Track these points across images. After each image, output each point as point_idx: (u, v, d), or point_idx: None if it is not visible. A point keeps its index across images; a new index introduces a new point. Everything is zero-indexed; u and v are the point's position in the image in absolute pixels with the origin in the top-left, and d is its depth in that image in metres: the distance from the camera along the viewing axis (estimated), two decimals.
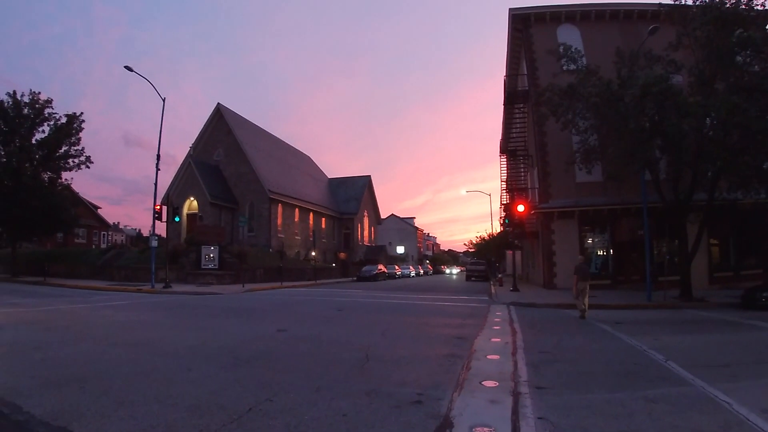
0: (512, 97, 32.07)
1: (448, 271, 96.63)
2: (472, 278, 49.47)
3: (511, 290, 25.41)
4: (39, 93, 39.80)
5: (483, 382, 6.28)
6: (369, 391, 5.80)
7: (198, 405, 5.31)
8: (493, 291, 26.45)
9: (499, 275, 39.35)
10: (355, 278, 48.07)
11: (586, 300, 15.17)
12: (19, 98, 39.02)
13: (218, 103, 52.80)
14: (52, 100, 40.10)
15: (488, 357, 8.08)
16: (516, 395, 5.70)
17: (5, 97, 38.76)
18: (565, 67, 22.64)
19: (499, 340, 9.96)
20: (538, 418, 4.89)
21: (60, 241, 56.81)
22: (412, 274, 66.28)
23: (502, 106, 34.60)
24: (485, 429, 4.56)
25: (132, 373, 6.94)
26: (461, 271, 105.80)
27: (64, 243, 57.09)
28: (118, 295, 23.60)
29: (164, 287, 26.71)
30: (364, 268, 49.52)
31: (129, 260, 38.89)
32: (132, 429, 4.56)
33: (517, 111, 32.87)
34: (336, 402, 5.40)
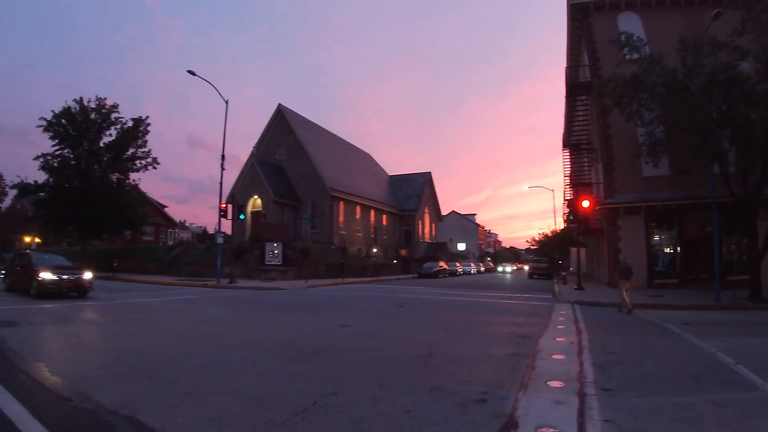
0: (574, 89, 31.16)
1: (500, 269, 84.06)
2: (535, 276, 48.50)
3: (575, 288, 24.96)
4: (105, 98, 41.35)
5: (548, 382, 6.17)
6: (433, 388, 5.77)
7: (263, 397, 5.39)
8: (556, 289, 25.97)
9: (563, 273, 38.60)
10: (416, 275, 47.96)
11: (625, 296, 15.40)
12: (86, 104, 40.66)
13: (279, 104, 53.60)
14: (117, 105, 41.62)
15: (553, 357, 7.95)
16: (582, 396, 5.60)
17: (72, 104, 40.42)
18: (627, 57, 21.93)
19: (563, 339, 9.82)
20: (605, 420, 4.78)
21: (128, 239, 58.80)
22: (473, 271, 65.61)
23: (564, 99, 33.79)
24: (550, 430, 4.50)
25: (199, 365, 7.14)
26: (516, 268, 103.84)
27: (132, 240, 59.10)
28: (185, 290, 24.30)
29: (230, 282, 27.34)
30: (425, 265, 49.32)
31: (195, 257, 39.90)
32: (199, 419, 4.65)
33: (579, 103, 31.93)
34: (400, 398, 5.39)
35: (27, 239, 72.31)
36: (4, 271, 20.49)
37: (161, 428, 4.38)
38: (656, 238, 26.84)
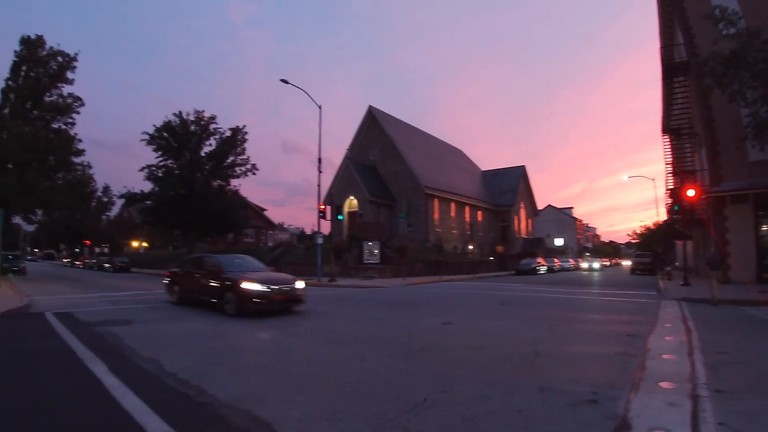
0: (670, 71, 29.26)
1: (585, 264, 67.60)
2: (637, 271, 46.53)
3: (681, 284, 23.57)
4: (203, 111, 44.06)
5: (659, 383, 5.88)
6: (542, 388, 5.64)
7: (374, 393, 5.42)
8: (661, 285, 24.66)
9: (667, 268, 36.76)
10: (513, 272, 47.19)
11: (715, 287, 14.96)
12: (185, 117, 42.93)
13: (370, 106, 54.11)
14: (215, 116, 44.11)
15: (663, 356, 7.53)
16: (695, 398, 5.29)
17: (173, 118, 42.84)
18: (723, 32, 20.44)
19: (672, 338, 9.28)
20: (719, 423, 4.49)
21: (230, 241, 61.15)
22: (572, 267, 63.96)
23: (661, 81, 31.98)
24: None
25: (309, 360, 7.25)
26: (612, 264, 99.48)
27: (234, 243, 61.41)
28: None
29: (330, 281, 27.80)
30: (523, 262, 48.45)
31: (295, 256, 40.97)
32: (312, 413, 4.71)
33: (677, 85, 29.95)
34: (510, 397, 5.29)
35: (135, 244, 76.42)
36: (168, 279, 16.89)
37: (276, 422, 4.44)
38: (764, 228, 24.87)
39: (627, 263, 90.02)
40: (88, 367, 6.68)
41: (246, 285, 12.64)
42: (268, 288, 12.73)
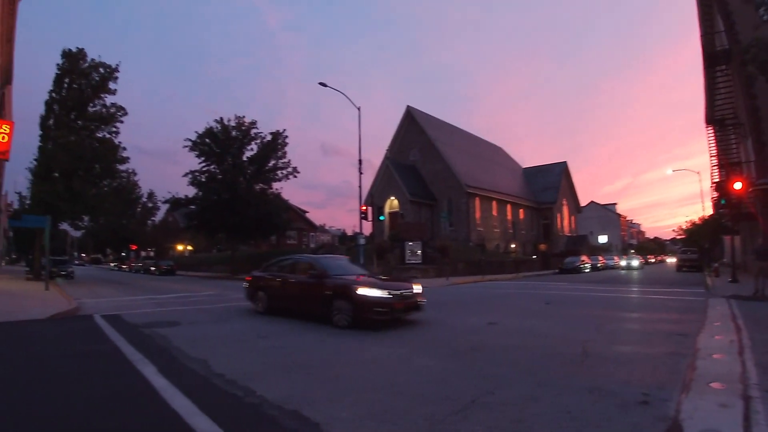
0: (712, 59, 28.23)
1: (624, 263, 61.48)
2: (684, 269, 45.45)
3: (729, 281, 22.86)
4: (243, 117, 44.99)
5: (710, 384, 5.71)
6: (592, 389, 5.53)
7: (422, 394, 5.38)
8: (709, 282, 23.99)
9: (715, 264, 35.73)
10: (557, 270, 46.58)
11: (759, 279, 14.83)
12: (227, 123, 43.88)
13: (408, 106, 54.22)
14: (256, 121, 44.94)
15: (713, 356, 7.30)
16: (746, 399, 5.11)
17: (214, 124, 43.87)
18: (765, 17, 19.80)
19: (722, 337, 8.96)
20: None
21: (273, 243, 61.90)
22: (624, 264, 62.62)
23: (702, 71, 31.01)
24: None
25: (355, 361, 7.23)
26: (654, 261, 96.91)
27: (277, 245, 62.14)
28: None
29: None
30: (567, 260, 47.76)
31: None
32: (360, 414, 4.70)
33: (719, 74, 28.86)
34: (559, 398, 5.21)
35: (180, 247, 77.90)
36: (250, 284, 14.63)
37: (324, 423, 4.44)
38: None
39: (672, 260, 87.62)
40: (137, 369, 6.74)
41: (364, 291, 10.53)
42: (390, 294, 10.70)
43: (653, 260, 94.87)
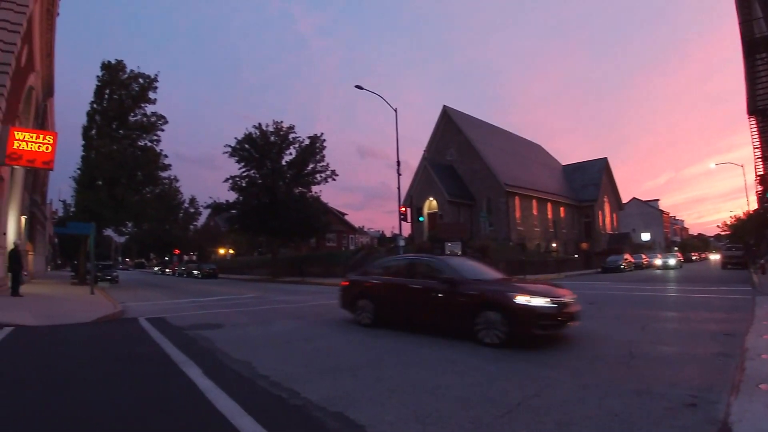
0: (751, 47, 27.15)
1: (659, 261, 52.80)
2: (729, 266, 44.06)
3: None
4: (281, 122, 45.55)
5: (760, 385, 5.52)
6: (639, 391, 5.42)
7: (466, 396, 5.33)
8: (755, 280, 23.23)
9: (761, 261, 34.55)
10: (599, 269, 45.74)
11: None
12: (265, 129, 44.52)
13: (444, 106, 54.14)
14: (293, 126, 45.57)
15: (762, 356, 7.05)
16: None
17: (253, 130, 44.59)
18: None
19: None
20: None
21: (313, 246, 62.51)
22: (660, 263, 61.19)
23: (742, 59, 29.94)
24: None
25: (400, 363, 7.18)
26: (698, 258, 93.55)
27: (316, 247, 62.73)
28: None
29: None
30: (609, 259, 46.85)
31: (377, 259, 40.96)
32: (405, 417, 4.66)
33: (759, 62, 27.84)
34: (606, 401, 5.11)
35: (221, 251, 79.08)
36: (349, 289, 12.56)
37: (370, 425, 4.43)
38: None
39: (715, 257, 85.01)
40: (182, 370, 6.81)
41: (524, 300, 8.46)
42: (553, 303, 8.65)
43: (695, 258, 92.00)
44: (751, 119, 33.58)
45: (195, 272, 54.08)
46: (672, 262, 51.49)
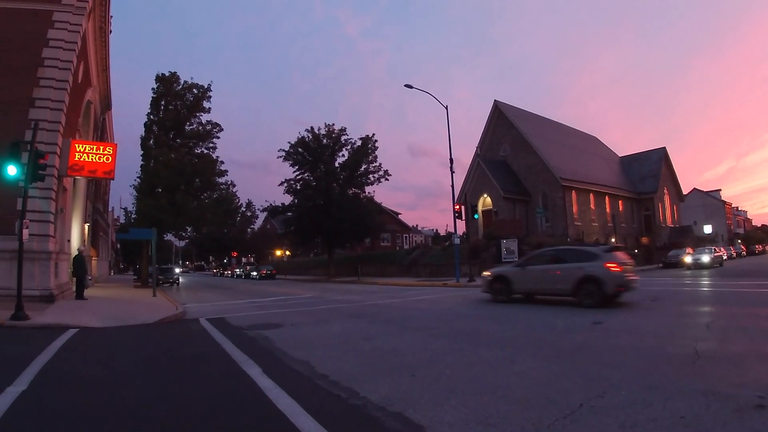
0: None
1: (689, 258, 40.24)
2: None
3: None
4: (333, 125, 46.50)
5: None
6: (705, 392, 5.18)
7: (527, 397, 5.22)
8: None
9: None
10: (660, 264, 44.47)
11: None
12: (317, 132, 45.18)
13: (495, 101, 53.46)
14: (345, 128, 46.59)
15: None
16: None
17: (305, 134, 45.72)
18: None
19: None
20: None
21: (368, 246, 62.86)
22: (724, 256, 58.82)
23: None
24: None
25: (457, 363, 7.10)
26: (745, 252, 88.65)
27: (371, 247, 63.03)
28: (426, 290, 25.03)
29: (468, 281, 27.52)
30: (671, 253, 45.30)
31: (432, 258, 41.22)
32: (465, 417, 4.60)
33: None
34: (671, 402, 4.90)
35: (278, 252, 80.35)
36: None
37: (429, 425, 4.39)
38: None
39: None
40: (243, 370, 6.91)
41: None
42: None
43: (759, 250, 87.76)
44: None
45: (253, 274, 55.04)
46: (706, 259, 39.04)
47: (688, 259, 39.73)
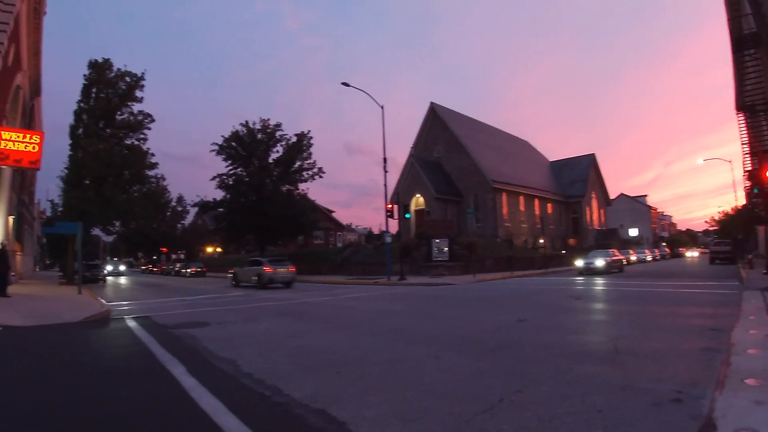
0: (739, 43, 27.24)
1: (580, 263, 34.47)
2: (717, 261, 44.34)
3: (764, 273, 22.15)
4: (268, 119, 46.19)
5: (745, 380, 5.51)
6: (623, 387, 5.42)
7: (449, 393, 5.33)
8: (743, 275, 23.41)
9: (749, 256, 34.82)
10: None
11: None
12: (252, 126, 44.67)
13: (431, 103, 54.33)
14: (280, 123, 46.10)
15: (748, 351, 7.04)
16: None
17: (240, 128, 44.88)
18: None
19: (757, 331, 8.70)
20: None
21: (301, 243, 62.70)
22: (648, 258, 61.39)
23: (730, 56, 30.08)
24: None
25: (383, 360, 7.17)
26: (623, 260, 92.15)
27: (304, 245, 62.89)
28: (358, 288, 25.20)
29: (399, 279, 27.85)
30: (590, 254, 45.00)
31: (364, 256, 41.53)
32: (387, 413, 4.66)
33: (748, 58, 27.99)
34: (589, 397, 5.08)
35: (209, 249, 79.08)
36: None
37: (351, 422, 4.43)
38: None
39: (692, 254, 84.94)
40: (167, 369, 6.82)
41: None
42: None
43: (683, 252, 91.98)
44: (740, 115, 33.62)
45: (183, 271, 54.09)
46: (600, 263, 33.27)
47: (579, 263, 34.74)
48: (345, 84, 30.56)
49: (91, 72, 34.98)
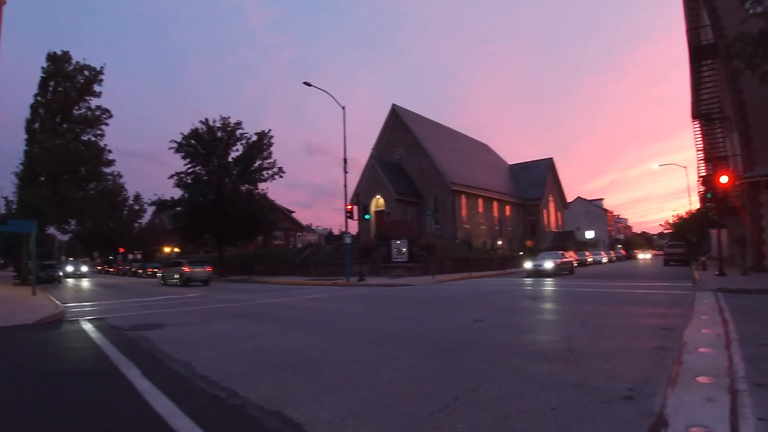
0: (697, 54, 28.32)
1: (528, 265, 33.19)
2: (671, 262, 45.56)
3: (716, 275, 22.90)
4: (228, 117, 45.53)
5: (696, 378, 5.72)
6: (576, 385, 5.54)
7: (405, 393, 5.39)
8: (696, 276, 24.11)
9: (702, 258, 35.88)
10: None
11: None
12: (212, 124, 44.17)
13: (393, 105, 54.45)
14: (241, 122, 45.49)
15: (700, 350, 7.30)
16: (733, 393, 5.12)
17: (199, 125, 44.24)
18: (751, 11, 19.92)
19: (709, 331, 9.03)
20: (759, 418, 4.35)
21: (260, 244, 62.24)
22: (604, 260, 62.66)
23: (688, 65, 31.15)
24: (702, 429, 4.16)
25: (340, 361, 7.21)
26: (573, 262, 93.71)
27: (264, 245, 62.42)
28: (317, 289, 25.18)
29: (359, 280, 27.93)
30: (540, 255, 39.15)
31: (324, 257, 41.51)
32: (342, 414, 4.70)
33: (705, 68, 28.95)
34: (543, 395, 5.19)
35: (167, 249, 77.87)
36: None
37: (306, 423, 4.46)
38: None
39: (643, 256, 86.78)
40: (121, 371, 6.76)
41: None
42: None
43: (613, 257, 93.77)
44: (695, 123, 34.88)
45: (139, 272, 53.28)
46: (548, 266, 31.95)
47: (527, 265, 33.71)
48: (307, 84, 30.52)
49: (49, 64, 34.23)
